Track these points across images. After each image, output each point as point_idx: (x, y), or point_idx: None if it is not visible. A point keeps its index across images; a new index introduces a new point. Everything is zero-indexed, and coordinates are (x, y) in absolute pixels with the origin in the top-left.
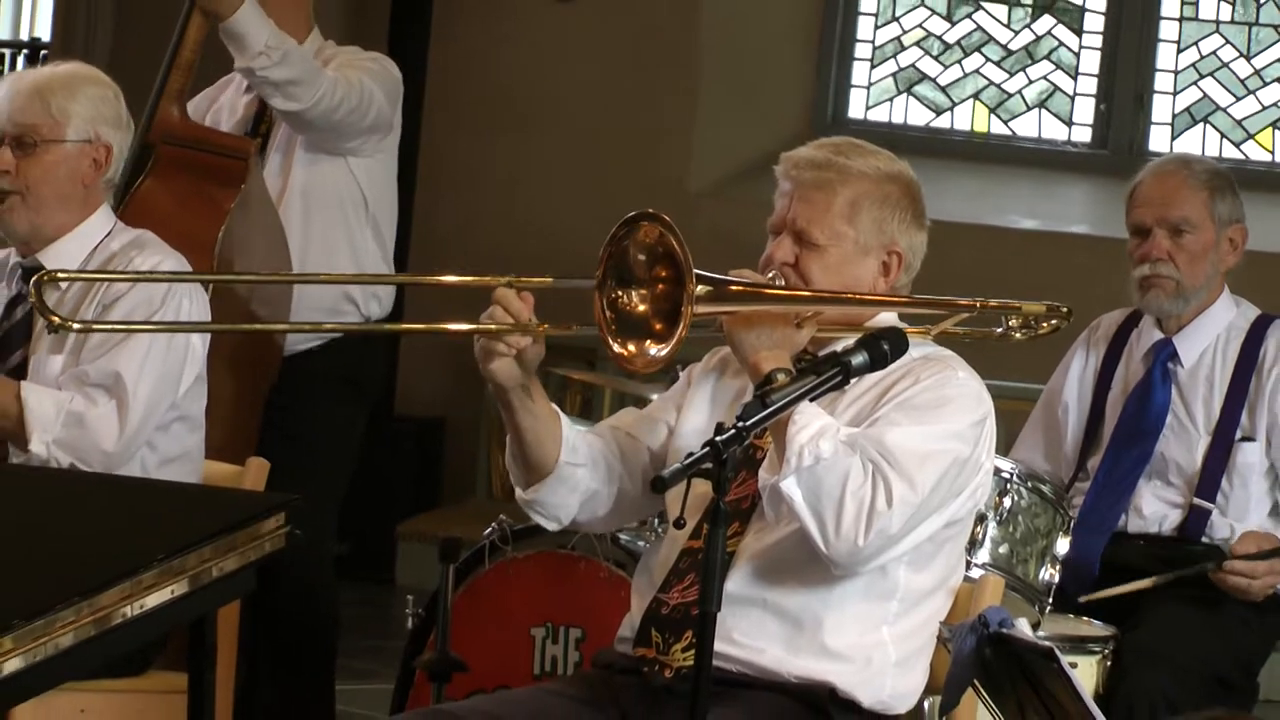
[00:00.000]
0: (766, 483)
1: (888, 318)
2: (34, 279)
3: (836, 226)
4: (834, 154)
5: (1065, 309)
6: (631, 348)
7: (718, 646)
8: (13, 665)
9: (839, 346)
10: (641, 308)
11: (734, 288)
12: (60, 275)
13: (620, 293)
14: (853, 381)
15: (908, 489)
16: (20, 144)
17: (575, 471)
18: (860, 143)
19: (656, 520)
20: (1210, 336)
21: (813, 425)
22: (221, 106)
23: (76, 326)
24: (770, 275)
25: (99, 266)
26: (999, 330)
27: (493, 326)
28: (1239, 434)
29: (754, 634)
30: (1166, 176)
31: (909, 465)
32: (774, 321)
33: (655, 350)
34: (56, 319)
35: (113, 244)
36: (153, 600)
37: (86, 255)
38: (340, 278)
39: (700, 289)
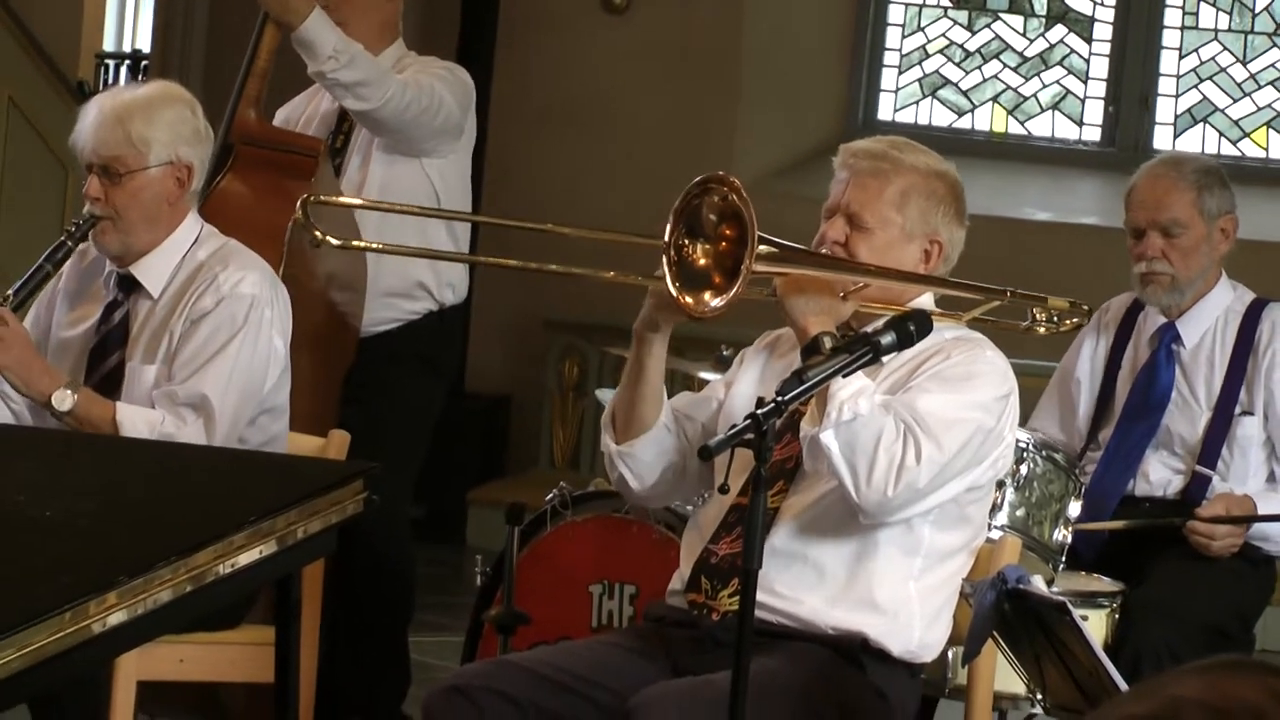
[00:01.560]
0: (807, 434)
1: (923, 301)
2: (300, 201)
3: (886, 212)
4: (890, 148)
5: (1086, 307)
6: (690, 297)
7: (761, 597)
8: (116, 618)
9: (871, 327)
10: (703, 261)
11: (793, 251)
12: (325, 201)
13: (687, 242)
14: (884, 359)
15: (935, 449)
16: (108, 173)
17: (667, 436)
18: (914, 142)
19: (704, 491)
20: (1210, 319)
21: (852, 385)
22: (312, 112)
23: (335, 243)
24: (822, 252)
25: (188, 277)
26: (1024, 324)
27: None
28: (1238, 409)
29: (795, 586)
30: (1156, 180)
31: (937, 428)
32: (822, 290)
33: (714, 300)
34: (319, 234)
35: (199, 253)
36: (243, 559)
37: (175, 266)
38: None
39: (762, 248)
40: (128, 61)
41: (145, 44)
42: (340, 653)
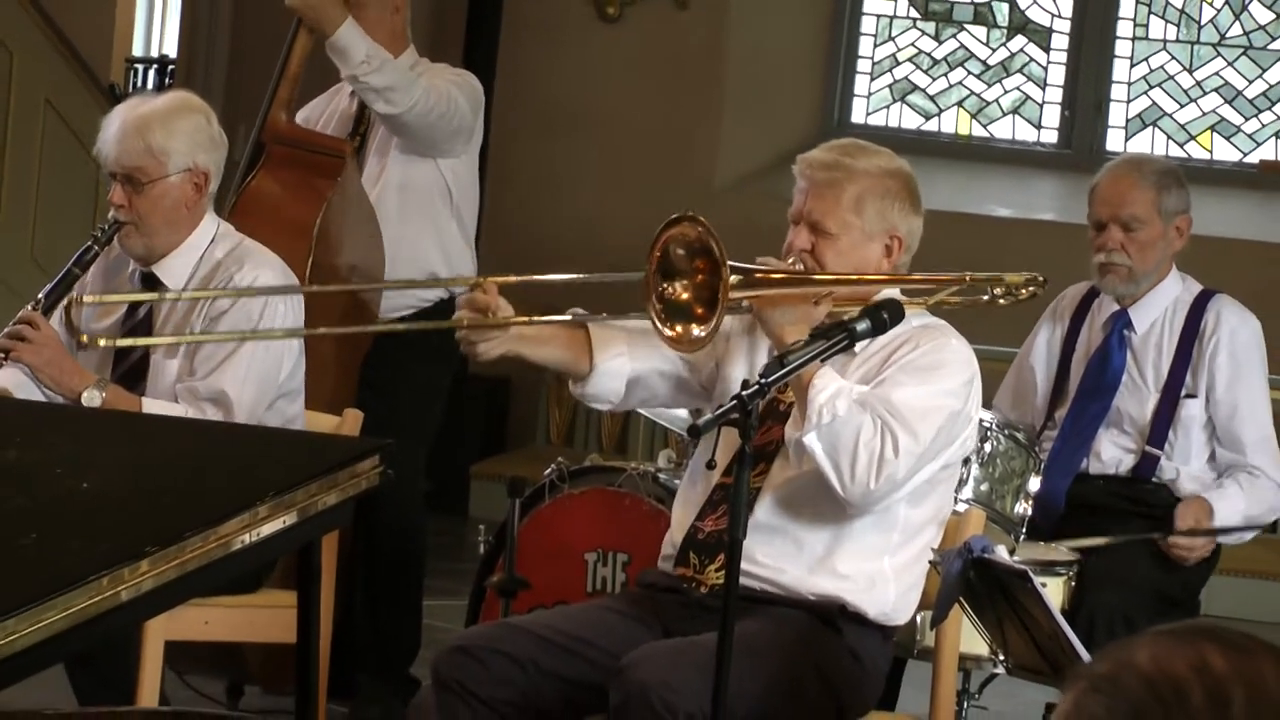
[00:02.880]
0: (792, 438)
1: (891, 290)
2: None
3: (845, 218)
4: (841, 155)
5: (1042, 278)
6: (679, 329)
7: (745, 567)
8: (148, 585)
9: (847, 315)
10: (685, 295)
11: (761, 275)
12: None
13: (666, 285)
14: (860, 345)
15: (911, 440)
16: (130, 181)
17: (612, 363)
18: (864, 143)
19: (690, 460)
20: (1160, 309)
21: (829, 388)
22: (331, 112)
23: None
24: (791, 260)
25: (206, 274)
26: (985, 297)
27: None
28: (1184, 391)
29: (776, 557)
30: (1119, 178)
31: (912, 419)
32: (795, 301)
33: (698, 331)
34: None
35: (216, 252)
36: (267, 529)
37: (194, 263)
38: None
39: (734, 278)
40: (155, 66)
41: (172, 49)
42: (358, 616)
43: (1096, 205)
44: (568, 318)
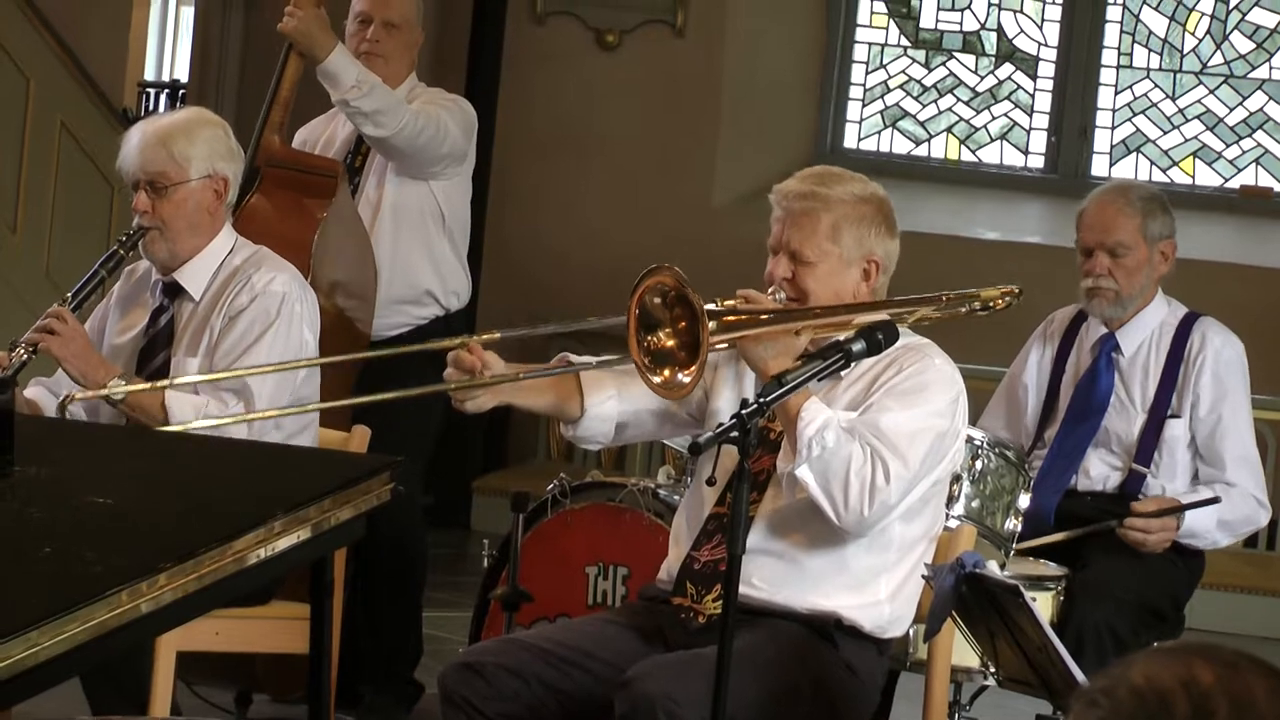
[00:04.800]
0: (784, 471)
1: (873, 315)
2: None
3: (823, 245)
4: (816, 184)
5: (1017, 289)
6: (665, 374)
7: (741, 590)
8: (166, 598)
9: (843, 335)
10: (669, 343)
11: (737, 318)
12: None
13: (650, 337)
14: (851, 365)
15: (901, 465)
16: (153, 187)
17: (602, 407)
18: (838, 171)
19: (689, 478)
20: (1146, 331)
21: (817, 419)
22: (330, 135)
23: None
24: (771, 290)
25: (225, 279)
26: (964, 310)
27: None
28: (1168, 412)
29: (771, 579)
30: (1106, 205)
31: (901, 444)
32: (777, 335)
33: (683, 377)
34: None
35: (235, 260)
36: (282, 544)
37: (214, 271)
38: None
39: (712, 324)
40: (167, 90)
41: (183, 73)
42: (361, 625)
43: (1084, 232)
44: (555, 369)
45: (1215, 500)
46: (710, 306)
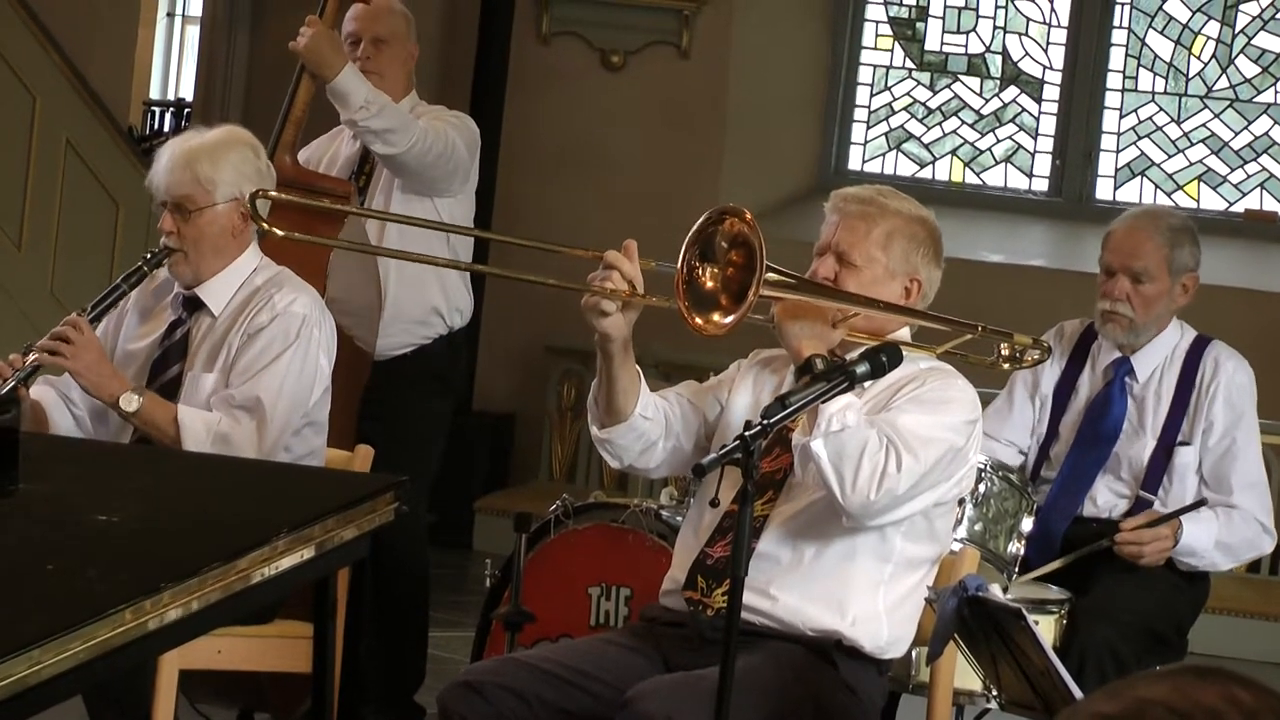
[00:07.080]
0: (799, 443)
1: (900, 334)
2: (249, 195)
3: (872, 251)
4: (877, 194)
5: (1047, 345)
6: (700, 319)
7: (747, 597)
8: (172, 615)
9: (849, 357)
10: (711, 284)
11: (793, 278)
12: (269, 195)
13: (699, 265)
14: (855, 387)
15: (914, 460)
16: (179, 210)
17: (644, 423)
18: (898, 191)
19: (690, 499)
20: (1160, 357)
21: (841, 399)
22: (334, 154)
23: (280, 233)
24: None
25: (245, 297)
26: (989, 359)
27: (609, 285)
28: (1179, 438)
29: (779, 586)
30: (1135, 230)
31: (916, 443)
32: (815, 318)
33: (723, 319)
34: (265, 225)
35: (257, 279)
36: (286, 563)
37: (236, 289)
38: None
39: (770, 275)
40: (172, 109)
41: (188, 92)
42: (365, 645)
43: (1109, 252)
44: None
45: (1202, 503)
46: (770, 263)
